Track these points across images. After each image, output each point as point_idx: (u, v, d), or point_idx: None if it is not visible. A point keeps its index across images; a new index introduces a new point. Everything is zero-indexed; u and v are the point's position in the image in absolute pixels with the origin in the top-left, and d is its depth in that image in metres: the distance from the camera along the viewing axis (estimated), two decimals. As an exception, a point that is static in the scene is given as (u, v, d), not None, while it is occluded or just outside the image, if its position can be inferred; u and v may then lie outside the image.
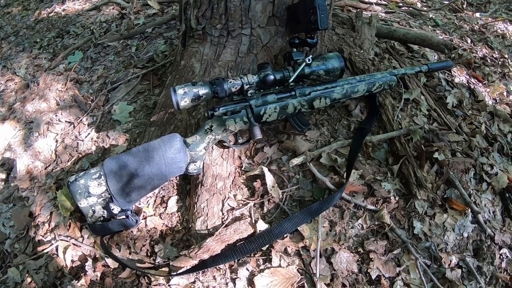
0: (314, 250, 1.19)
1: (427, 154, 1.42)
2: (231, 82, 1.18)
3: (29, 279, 1.32)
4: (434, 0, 2.49)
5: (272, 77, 1.20)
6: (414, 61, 1.79)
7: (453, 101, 1.71)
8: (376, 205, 1.30)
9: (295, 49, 1.27)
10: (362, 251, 1.23)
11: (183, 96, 1.12)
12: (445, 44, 1.77)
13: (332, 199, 1.20)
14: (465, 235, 1.36)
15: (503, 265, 1.37)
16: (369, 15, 1.81)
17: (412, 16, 2.18)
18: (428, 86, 1.72)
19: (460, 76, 1.87)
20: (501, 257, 1.38)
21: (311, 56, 1.22)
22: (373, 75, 1.42)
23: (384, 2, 2.28)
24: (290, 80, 1.22)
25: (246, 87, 1.19)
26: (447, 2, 2.40)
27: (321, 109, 1.43)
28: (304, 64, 1.22)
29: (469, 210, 1.37)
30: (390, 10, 2.19)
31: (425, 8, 2.28)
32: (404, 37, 1.80)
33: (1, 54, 2.57)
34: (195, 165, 1.20)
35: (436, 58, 1.91)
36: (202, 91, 1.14)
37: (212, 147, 1.27)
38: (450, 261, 1.28)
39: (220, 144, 1.27)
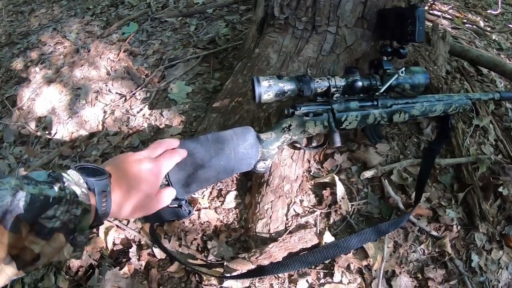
0: (376, 270, 1.10)
1: (493, 187, 1.33)
2: (318, 81, 1.07)
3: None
4: (496, 21, 2.37)
5: (360, 83, 1.10)
6: (484, 86, 1.69)
7: (518, 134, 1.60)
8: (438, 231, 1.22)
9: (385, 58, 1.16)
10: (420, 277, 1.14)
11: (267, 89, 1.02)
12: (519, 72, 1.66)
13: (402, 220, 1.12)
14: (517, 274, 1.27)
15: (547, 309, 1.29)
16: (443, 30, 1.71)
17: (477, 35, 2.06)
18: (495, 115, 1.61)
19: (525, 107, 1.76)
20: (546, 301, 1.29)
21: (404, 68, 1.12)
22: (451, 96, 1.32)
23: (449, 17, 2.16)
24: (381, 91, 1.12)
25: (332, 89, 1.09)
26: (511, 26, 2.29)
27: (398, 123, 1.33)
28: (396, 76, 1.11)
29: (525, 250, 1.29)
30: (457, 26, 2.08)
31: (488, 29, 2.16)
32: (476, 59, 1.69)
33: (52, 17, 2.47)
34: (264, 163, 1.10)
35: (502, 85, 1.80)
36: (288, 86, 1.04)
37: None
38: (500, 299, 1.20)
39: (292, 144, 1.17)
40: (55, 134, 1.65)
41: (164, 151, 0.93)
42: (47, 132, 1.69)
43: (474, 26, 2.13)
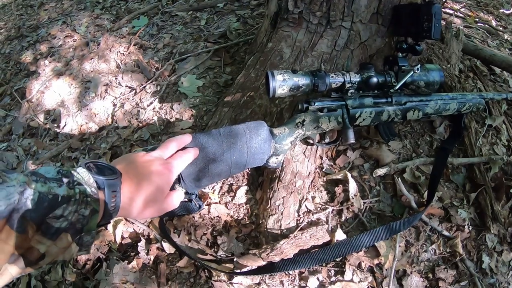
0: (387, 269, 1.08)
1: (505, 187, 1.30)
2: (333, 77, 1.05)
3: (71, 248, 1.21)
4: (509, 20, 2.33)
5: (375, 79, 1.07)
6: (497, 85, 1.65)
7: (531, 134, 1.57)
8: (450, 231, 1.19)
9: (400, 54, 1.14)
10: (431, 277, 1.12)
11: (281, 84, 1.00)
12: (533, 72, 1.63)
13: (414, 219, 1.10)
14: (527, 276, 1.25)
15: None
16: (456, 28, 1.67)
17: (489, 34, 2.03)
18: (508, 115, 1.58)
19: (537, 108, 1.73)
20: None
21: (419, 65, 1.09)
22: (465, 95, 1.30)
23: (461, 15, 2.13)
24: (396, 87, 1.09)
25: (347, 85, 1.07)
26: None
27: (411, 121, 1.31)
28: (412, 73, 1.09)
29: (535, 252, 1.26)
30: (469, 25, 2.04)
31: (500, 28, 2.13)
32: (490, 58, 1.66)
33: (62, 10, 2.46)
34: (277, 158, 1.07)
35: (515, 85, 1.77)
36: (303, 81, 1.01)
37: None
38: (510, 301, 1.17)
39: (304, 140, 1.14)
40: (64, 126, 1.63)
41: (176, 150, 0.91)
42: (56, 124, 1.67)
43: (486, 25, 2.09)
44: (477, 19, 2.14)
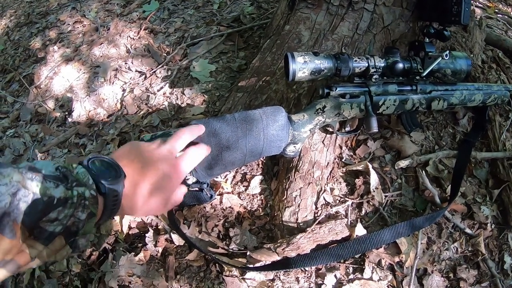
0: (407, 268, 0.99)
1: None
2: (356, 61, 0.96)
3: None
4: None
5: (401, 65, 0.98)
6: (520, 77, 1.54)
7: (554, 130, 1.47)
8: (472, 229, 1.10)
9: (427, 39, 1.04)
10: (452, 277, 1.03)
11: (302, 66, 0.90)
12: (558, 65, 1.51)
13: (437, 215, 1.01)
14: (548, 277, 1.16)
15: None
16: (479, 17, 1.56)
17: (510, 26, 1.92)
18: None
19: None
20: None
21: (448, 51, 0.99)
22: (490, 86, 1.20)
23: (481, 5, 2.02)
24: (423, 74, 1.00)
25: (371, 70, 0.97)
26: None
27: (434, 111, 1.21)
28: (440, 59, 0.99)
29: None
30: (489, 15, 1.93)
31: (520, 21, 2.01)
32: (513, 49, 1.55)
33: (72, -4, 2.36)
34: (294, 147, 0.98)
35: (537, 78, 1.66)
36: (325, 64, 0.92)
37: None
38: (531, 303, 1.09)
39: (323, 128, 1.05)
40: (72, 112, 1.54)
41: (189, 141, 0.83)
42: (63, 110, 1.59)
43: (506, 17, 1.99)
44: (496, 10, 2.03)
